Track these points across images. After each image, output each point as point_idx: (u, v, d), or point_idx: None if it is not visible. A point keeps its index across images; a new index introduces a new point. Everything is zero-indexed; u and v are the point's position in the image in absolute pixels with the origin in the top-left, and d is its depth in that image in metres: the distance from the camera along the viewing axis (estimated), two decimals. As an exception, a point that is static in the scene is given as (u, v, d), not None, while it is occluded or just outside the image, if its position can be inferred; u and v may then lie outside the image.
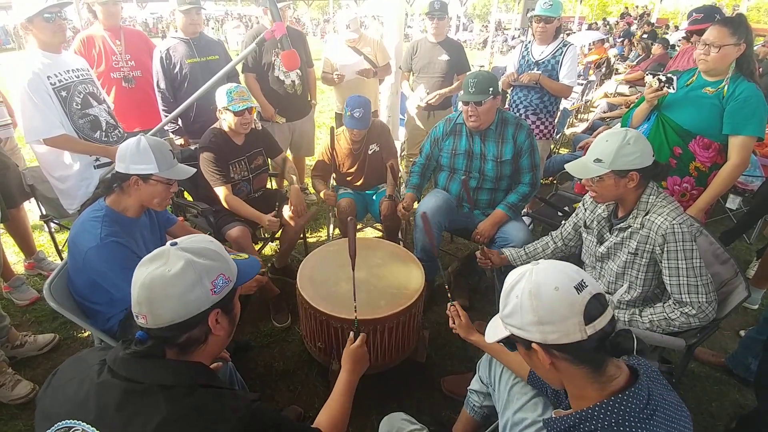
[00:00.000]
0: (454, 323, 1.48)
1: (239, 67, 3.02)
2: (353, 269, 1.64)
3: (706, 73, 1.98)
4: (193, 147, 2.71)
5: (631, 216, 1.53)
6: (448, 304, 1.52)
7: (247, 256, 1.07)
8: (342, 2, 26.20)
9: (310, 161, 3.77)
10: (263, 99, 3.09)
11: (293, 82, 3.12)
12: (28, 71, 2.06)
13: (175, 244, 0.90)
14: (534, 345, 0.83)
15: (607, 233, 1.65)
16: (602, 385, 0.82)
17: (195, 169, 1.75)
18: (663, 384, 0.89)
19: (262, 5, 3.12)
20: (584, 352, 0.81)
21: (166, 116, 2.77)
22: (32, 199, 2.55)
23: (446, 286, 1.70)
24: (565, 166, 1.60)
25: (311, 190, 3.52)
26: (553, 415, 0.87)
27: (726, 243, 2.79)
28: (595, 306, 0.80)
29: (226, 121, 2.30)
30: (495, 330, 0.93)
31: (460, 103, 2.22)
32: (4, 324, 2.04)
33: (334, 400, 1.19)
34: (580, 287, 0.80)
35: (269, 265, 1.84)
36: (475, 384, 1.52)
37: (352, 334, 1.40)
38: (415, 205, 2.51)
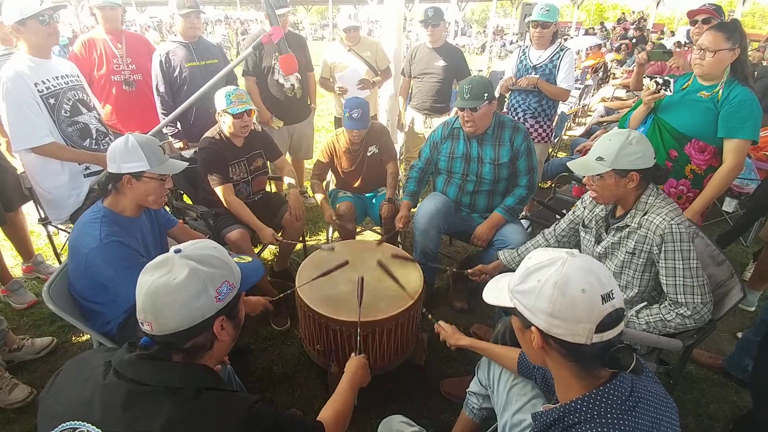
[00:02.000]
0: (440, 336, 1.57)
1: (239, 71, 3.04)
2: (359, 306, 1.71)
3: (701, 78, 2.00)
4: (192, 150, 2.72)
5: (629, 216, 1.54)
6: (434, 325, 1.61)
7: (250, 259, 1.07)
8: (341, 6, 26.34)
9: (308, 164, 3.77)
10: (260, 104, 3.10)
11: (293, 85, 3.13)
12: (14, 78, 1.99)
13: (179, 251, 0.90)
14: (534, 328, 0.84)
15: (605, 233, 1.66)
16: (588, 382, 0.84)
17: (187, 163, 1.73)
18: (648, 376, 0.90)
19: (263, 10, 3.13)
20: (579, 354, 0.82)
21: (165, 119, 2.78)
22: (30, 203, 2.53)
23: (424, 310, 1.75)
24: (568, 163, 1.63)
25: (310, 193, 3.52)
26: (542, 410, 0.88)
27: (722, 246, 2.81)
28: (612, 318, 0.79)
29: (226, 123, 2.30)
30: (497, 293, 0.92)
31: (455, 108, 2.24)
32: (2, 327, 2.03)
33: (339, 395, 1.22)
34: (607, 297, 0.78)
35: (280, 295, 1.88)
36: (474, 386, 1.52)
37: (353, 354, 1.44)
38: (412, 210, 2.52)
